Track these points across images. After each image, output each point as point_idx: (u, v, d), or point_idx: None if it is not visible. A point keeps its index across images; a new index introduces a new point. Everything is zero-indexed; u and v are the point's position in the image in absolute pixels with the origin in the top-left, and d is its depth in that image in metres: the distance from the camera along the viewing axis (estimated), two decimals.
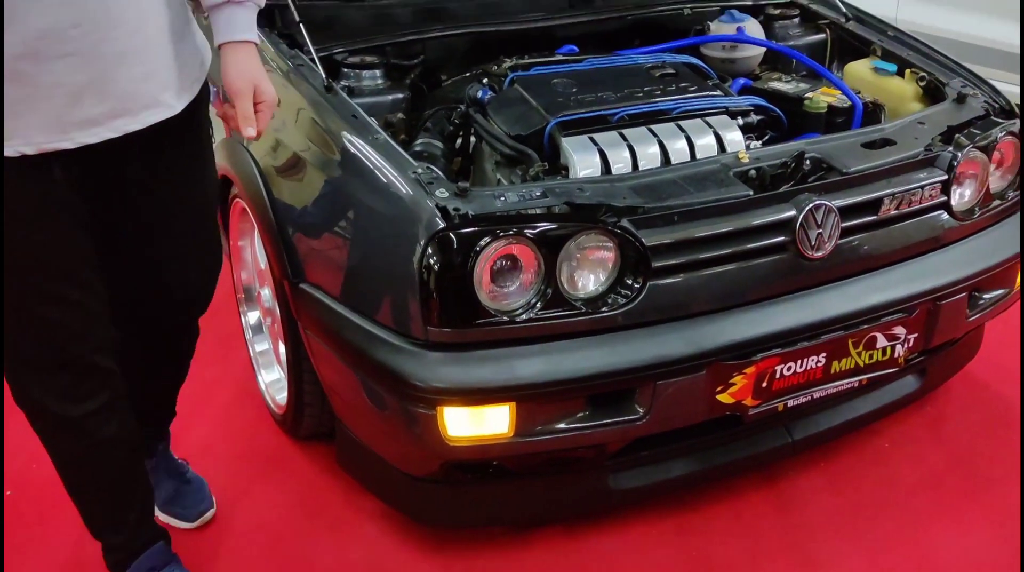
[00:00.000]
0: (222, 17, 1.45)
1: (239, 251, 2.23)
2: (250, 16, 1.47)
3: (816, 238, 1.68)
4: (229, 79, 1.45)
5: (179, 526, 1.92)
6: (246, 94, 1.44)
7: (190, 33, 1.50)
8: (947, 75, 2.09)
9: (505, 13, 2.26)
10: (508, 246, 1.52)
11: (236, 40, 1.45)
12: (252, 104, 1.46)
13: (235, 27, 1.45)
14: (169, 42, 1.41)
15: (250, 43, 1.47)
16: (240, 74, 1.45)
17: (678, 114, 1.87)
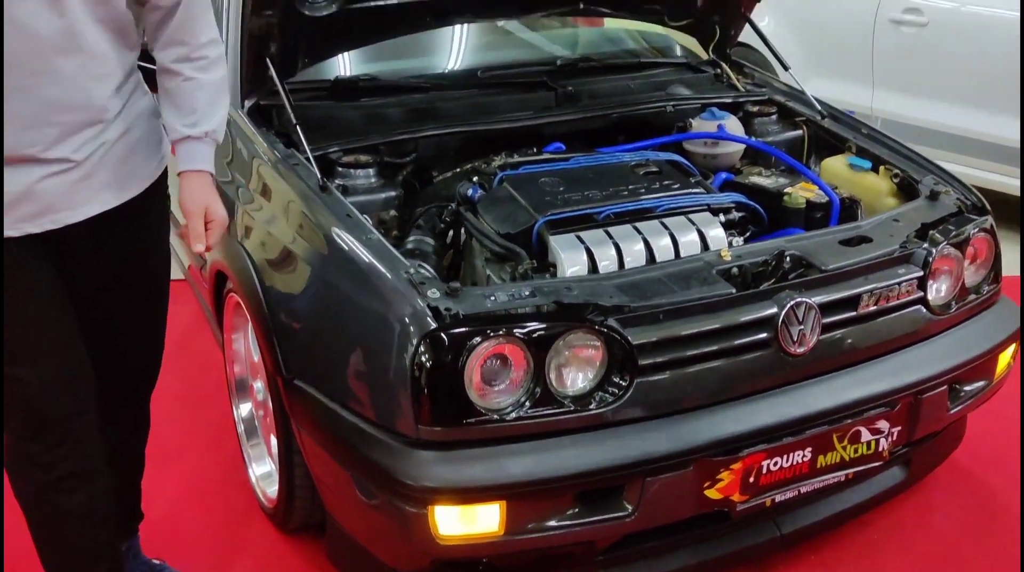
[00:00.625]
0: (182, 149, 1.62)
1: (232, 344, 2.25)
2: (207, 149, 1.64)
3: (798, 334, 1.72)
4: (183, 202, 1.62)
5: None
6: (197, 215, 1.61)
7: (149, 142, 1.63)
8: (919, 172, 2.17)
9: (494, 112, 2.34)
10: (498, 345, 1.56)
11: (192, 169, 1.62)
12: (203, 223, 1.62)
13: (192, 159, 1.62)
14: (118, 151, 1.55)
15: (204, 172, 1.64)
16: (192, 198, 1.62)
17: (662, 212, 1.93)
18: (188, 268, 2.77)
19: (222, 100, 1.64)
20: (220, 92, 1.64)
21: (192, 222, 1.61)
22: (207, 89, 1.60)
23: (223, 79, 1.64)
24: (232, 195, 2.14)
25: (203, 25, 1.59)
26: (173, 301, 3.24)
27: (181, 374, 2.79)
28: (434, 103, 2.36)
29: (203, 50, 1.59)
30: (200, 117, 1.60)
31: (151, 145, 1.63)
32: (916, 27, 3.77)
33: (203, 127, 1.61)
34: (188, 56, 1.58)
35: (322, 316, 1.77)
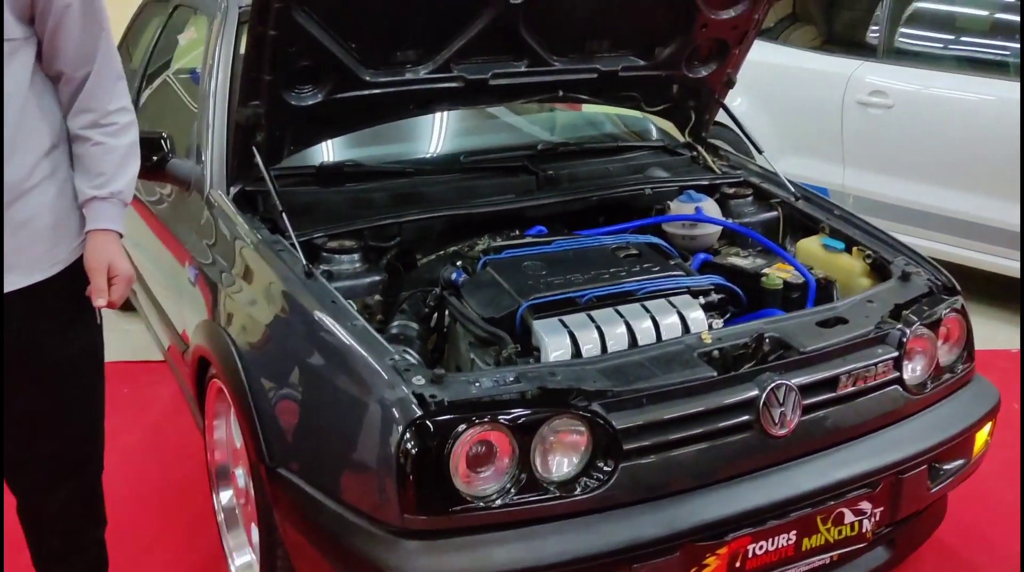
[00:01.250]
0: (89, 210, 1.68)
1: (214, 431, 2.24)
2: (113, 210, 1.68)
3: (779, 416, 1.74)
4: (87, 259, 1.68)
5: None
6: (100, 271, 1.66)
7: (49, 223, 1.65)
8: (891, 253, 2.23)
9: (477, 196, 2.39)
10: (484, 432, 1.57)
11: (98, 229, 1.67)
12: (105, 279, 1.66)
13: (98, 218, 1.68)
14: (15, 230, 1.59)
15: (111, 231, 1.69)
16: (96, 255, 1.67)
17: (643, 295, 1.97)
18: (168, 349, 2.77)
19: (131, 164, 1.71)
20: (129, 156, 1.70)
21: (94, 278, 1.66)
22: (115, 153, 1.67)
23: (132, 144, 1.71)
24: (216, 279, 2.16)
25: (112, 94, 1.67)
26: (153, 382, 3.25)
27: (159, 459, 2.77)
28: (418, 187, 2.41)
29: (112, 117, 1.66)
30: (107, 179, 1.66)
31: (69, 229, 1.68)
32: (882, 109, 3.91)
33: (109, 188, 1.66)
34: (97, 122, 1.65)
35: (306, 403, 1.77)
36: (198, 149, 2.39)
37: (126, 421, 2.91)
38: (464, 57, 2.26)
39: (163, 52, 3.23)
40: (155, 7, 3.44)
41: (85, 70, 1.63)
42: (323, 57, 2.07)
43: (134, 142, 1.71)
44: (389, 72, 2.20)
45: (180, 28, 3.14)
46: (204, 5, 2.78)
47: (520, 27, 2.24)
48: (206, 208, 2.29)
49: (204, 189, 2.31)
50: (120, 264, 1.68)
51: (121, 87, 1.69)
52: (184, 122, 2.62)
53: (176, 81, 3.05)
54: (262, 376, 1.88)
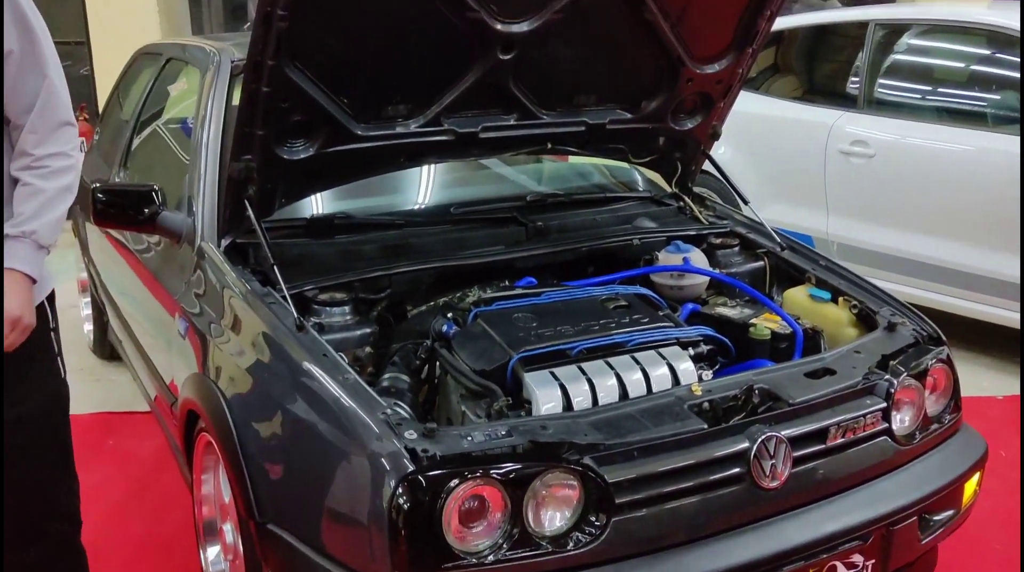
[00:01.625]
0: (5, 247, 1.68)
1: (201, 485, 2.22)
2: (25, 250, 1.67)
3: (770, 468, 1.75)
4: None
5: None
6: None
7: None
8: (876, 303, 2.26)
9: (467, 247, 2.41)
10: (476, 487, 1.56)
11: (7, 267, 1.67)
12: None
13: (8, 256, 1.67)
14: None
15: (15, 272, 1.66)
16: None
17: (633, 346, 1.98)
18: (154, 399, 2.75)
19: (56, 207, 1.70)
20: (56, 199, 1.69)
21: None
22: (41, 195, 1.67)
23: (64, 188, 1.70)
24: (206, 331, 2.15)
25: (50, 140, 1.68)
26: (138, 434, 3.22)
27: (144, 513, 2.73)
28: (408, 239, 2.42)
29: (45, 161, 1.67)
30: (25, 218, 1.66)
31: None
32: (864, 158, 3.98)
33: (22, 227, 1.66)
34: (30, 166, 1.67)
35: (297, 458, 1.76)
36: (189, 201, 2.40)
37: (110, 474, 2.88)
38: (454, 111, 2.29)
39: (154, 103, 3.26)
40: (146, 60, 3.48)
41: (27, 116, 1.65)
42: (315, 112, 2.09)
43: (67, 186, 1.71)
44: (380, 126, 2.23)
45: (171, 80, 3.18)
46: (196, 59, 2.82)
47: (509, 82, 2.28)
48: (197, 260, 2.29)
49: (195, 241, 2.32)
50: (9, 306, 1.63)
51: (63, 134, 1.70)
52: (174, 172, 2.64)
53: (167, 131, 3.08)
54: (252, 431, 1.88)
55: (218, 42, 2.82)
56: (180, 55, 3.07)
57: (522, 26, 2.14)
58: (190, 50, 2.96)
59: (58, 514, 1.84)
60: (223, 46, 2.72)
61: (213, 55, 2.68)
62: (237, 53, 2.62)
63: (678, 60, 2.41)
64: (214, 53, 2.69)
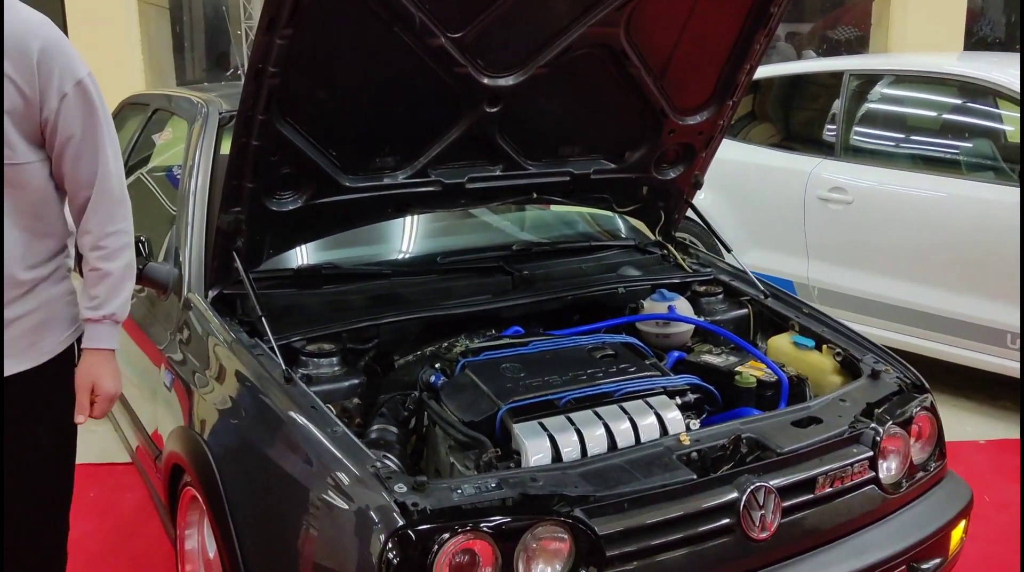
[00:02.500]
0: (86, 329, 1.81)
1: (185, 540, 2.19)
2: (107, 329, 1.80)
3: (760, 519, 1.75)
4: (76, 374, 1.81)
5: None
6: (84, 389, 1.80)
7: (43, 319, 1.77)
8: (860, 351, 2.29)
9: (454, 296, 2.42)
10: (467, 541, 1.56)
11: (91, 347, 1.80)
12: (88, 397, 1.79)
13: (91, 337, 1.80)
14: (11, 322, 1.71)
15: (103, 350, 1.81)
16: (84, 373, 1.80)
17: (620, 396, 1.99)
18: (136, 450, 2.72)
19: (124, 286, 1.81)
20: (123, 279, 1.80)
21: (79, 395, 1.79)
22: (110, 278, 1.78)
23: (127, 265, 1.81)
24: (192, 383, 2.14)
25: (110, 217, 1.77)
26: (120, 486, 3.17)
27: (125, 567, 2.68)
28: (395, 289, 2.43)
29: (107, 239, 1.77)
30: (101, 302, 1.77)
31: (58, 325, 1.80)
32: (842, 204, 4.04)
33: (102, 311, 1.78)
34: (95, 244, 1.77)
35: (285, 512, 1.74)
36: (176, 252, 2.40)
37: (91, 526, 2.83)
38: (441, 162, 2.32)
39: (140, 153, 3.27)
40: (132, 110, 3.50)
41: (86, 193, 1.74)
42: (304, 164, 2.12)
43: (128, 264, 1.82)
44: (368, 178, 2.25)
45: (157, 131, 3.19)
46: (183, 110, 2.84)
47: (495, 134, 2.31)
48: (183, 310, 2.29)
49: (182, 292, 2.31)
50: (104, 384, 1.80)
51: (120, 211, 1.79)
52: (161, 223, 2.64)
53: (153, 181, 3.09)
54: (239, 484, 1.86)
55: (205, 93, 2.84)
56: (167, 106, 3.09)
57: (508, 80, 2.18)
58: (177, 101, 2.98)
59: (48, 547, 1.90)
60: (210, 97, 2.74)
61: (200, 107, 2.70)
62: (225, 105, 2.65)
63: (661, 112, 2.46)
64: (201, 105, 2.71)
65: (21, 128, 1.65)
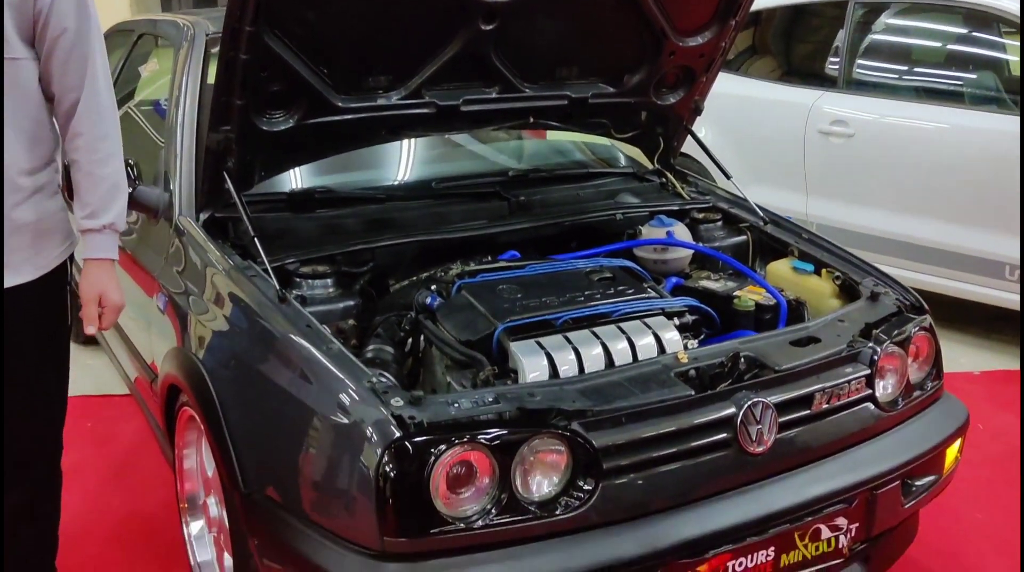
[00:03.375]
0: (84, 239, 1.82)
1: (183, 460, 2.19)
2: (107, 239, 1.81)
3: (756, 434, 1.75)
4: (81, 287, 1.82)
5: None
6: (92, 301, 1.81)
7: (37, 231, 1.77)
8: (859, 274, 2.27)
9: (449, 222, 2.39)
10: (464, 453, 1.56)
11: (93, 257, 1.81)
12: (96, 308, 1.81)
13: (92, 248, 1.81)
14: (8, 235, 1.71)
15: (105, 260, 1.82)
16: (89, 284, 1.81)
17: (618, 317, 1.97)
18: (135, 381, 2.71)
19: (119, 193, 1.82)
20: (117, 186, 1.81)
21: (86, 307, 1.81)
22: (103, 184, 1.78)
23: (117, 171, 1.81)
24: (185, 306, 2.13)
25: (100, 119, 1.76)
26: (117, 417, 3.18)
27: (125, 493, 2.70)
28: (390, 214, 2.40)
29: (100, 144, 1.76)
30: (97, 210, 1.78)
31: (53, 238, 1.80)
32: (843, 138, 4.00)
33: (102, 220, 1.79)
34: (89, 147, 1.76)
35: (281, 427, 1.74)
36: (166, 175, 2.37)
37: (89, 456, 2.84)
38: (435, 83, 2.27)
39: (125, 84, 3.20)
40: (118, 38, 3.42)
41: (75, 95, 1.73)
42: (294, 82, 2.07)
43: (118, 170, 1.81)
44: (360, 98, 2.20)
45: (143, 58, 3.13)
46: (169, 35, 2.77)
47: (491, 53, 2.26)
48: (175, 235, 2.26)
49: (173, 216, 2.28)
50: (111, 295, 1.82)
51: (110, 117, 1.79)
52: (149, 153, 2.59)
53: (139, 113, 3.03)
54: (235, 402, 1.85)
55: (191, 16, 2.78)
56: (152, 30, 3.02)
57: None
58: (162, 25, 2.92)
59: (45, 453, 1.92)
60: (196, 20, 2.68)
61: (187, 29, 2.63)
62: (211, 27, 2.58)
63: (661, 33, 2.40)
64: (187, 27, 2.64)
65: (15, 21, 1.64)
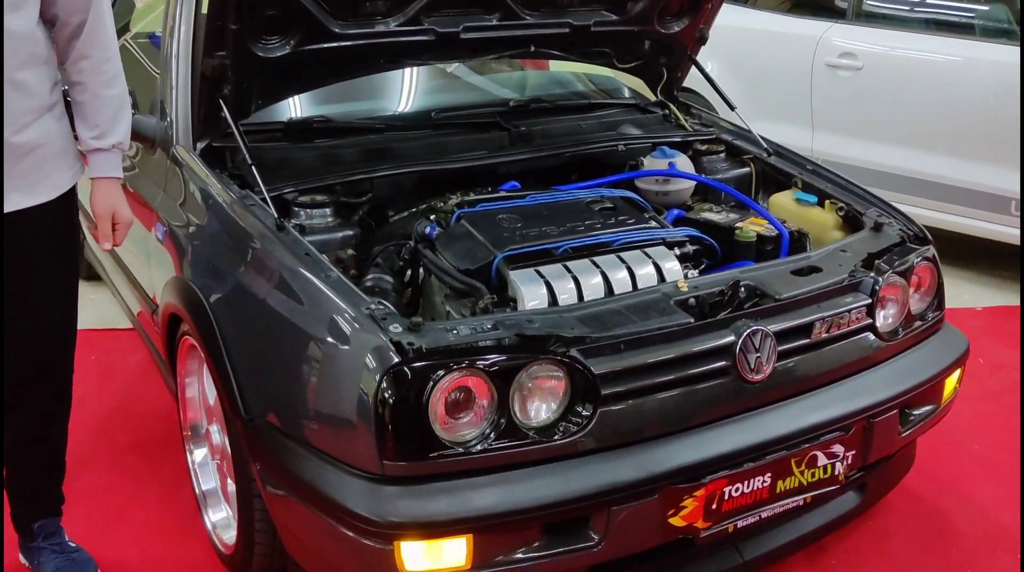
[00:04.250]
0: (92, 159, 1.85)
1: (185, 389, 2.21)
2: (115, 158, 1.85)
3: (755, 362, 1.75)
4: (93, 205, 1.86)
5: None
6: (105, 218, 1.87)
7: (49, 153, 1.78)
8: (863, 205, 2.25)
9: (449, 152, 2.37)
10: (462, 378, 1.56)
11: (102, 177, 1.84)
12: (110, 225, 1.87)
13: (100, 167, 1.84)
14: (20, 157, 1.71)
15: (113, 179, 1.86)
16: (101, 202, 1.86)
17: (618, 246, 1.96)
18: (137, 315, 2.72)
19: (125, 113, 1.85)
20: (123, 106, 1.84)
21: (101, 224, 1.86)
22: (110, 104, 1.81)
23: (123, 93, 1.84)
24: (184, 236, 2.12)
25: (105, 42, 1.78)
26: (120, 349, 3.20)
27: (129, 424, 2.73)
28: (389, 144, 2.38)
29: (106, 65, 1.78)
30: (105, 131, 1.81)
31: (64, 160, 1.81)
32: (851, 71, 3.93)
33: (110, 139, 1.82)
34: (95, 69, 1.77)
35: (281, 354, 1.75)
36: (162, 106, 2.33)
37: (94, 388, 2.86)
38: (435, 9, 2.23)
39: (120, 17, 3.13)
40: None
41: (82, 16, 1.72)
42: (291, 6, 2.03)
43: (124, 91, 1.84)
44: (358, 24, 2.16)
45: None
46: None
47: None
48: (172, 164, 2.24)
49: (170, 146, 2.26)
50: (123, 211, 1.88)
51: (113, 40, 1.80)
52: (145, 85, 2.55)
53: (135, 45, 2.98)
54: (235, 329, 1.86)
55: None
56: None
57: None
58: None
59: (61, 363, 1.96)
60: None
61: None
62: None
63: None
64: None
65: None
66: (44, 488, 2.04)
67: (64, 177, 1.82)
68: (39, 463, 2.01)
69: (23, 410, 1.92)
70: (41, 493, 2.04)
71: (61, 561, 2.02)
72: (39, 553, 2.03)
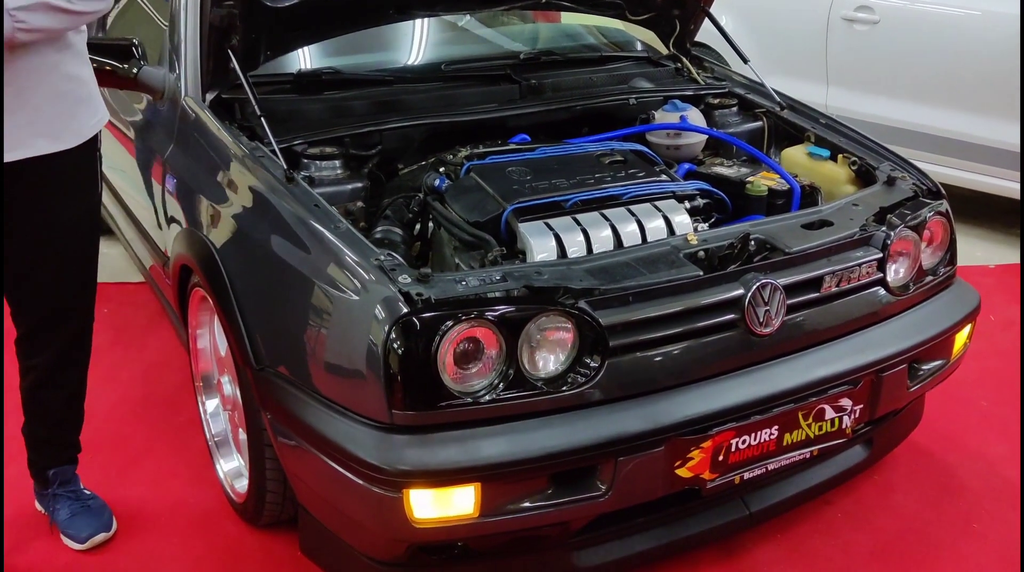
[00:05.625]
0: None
1: (197, 340, 2.23)
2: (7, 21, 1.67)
3: (764, 315, 1.75)
4: None
5: None
6: None
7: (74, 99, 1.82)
8: (877, 159, 2.23)
9: (459, 104, 2.35)
10: (471, 329, 1.57)
11: None
12: None
13: None
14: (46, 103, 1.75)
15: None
16: None
17: (628, 199, 1.95)
18: (149, 269, 2.73)
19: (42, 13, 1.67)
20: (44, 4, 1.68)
21: None
22: None
23: None
24: (193, 187, 2.12)
25: None
26: (132, 303, 3.22)
27: (142, 375, 2.76)
28: (398, 96, 2.36)
29: None
30: None
31: (88, 106, 1.85)
32: (868, 25, 3.86)
33: None
34: None
35: (291, 305, 1.76)
36: (171, 56, 2.32)
37: (106, 339, 2.88)
38: None
39: None
40: None
41: None
42: None
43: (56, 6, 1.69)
44: None
45: None
46: None
47: None
48: (181, 116, 2.23)
49: (178, 97, 2.25)
50: None
51: None
52: (154, 37, 2.53)
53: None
54: (245, 280, 1.87)
55: None
56: None
57: None
58: None
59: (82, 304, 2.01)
60: None
61: None
62: None
63: None
64: None
65: None
66: (61, 435, 2.08)
67: (87, 124, 1.85)
68: (57, 409, 2.05)
69: (44, 352, 1.97)
70: (58, 440, 2.08)
71: (76, 508, 2.06)
72: (54, 500, 2.07)
